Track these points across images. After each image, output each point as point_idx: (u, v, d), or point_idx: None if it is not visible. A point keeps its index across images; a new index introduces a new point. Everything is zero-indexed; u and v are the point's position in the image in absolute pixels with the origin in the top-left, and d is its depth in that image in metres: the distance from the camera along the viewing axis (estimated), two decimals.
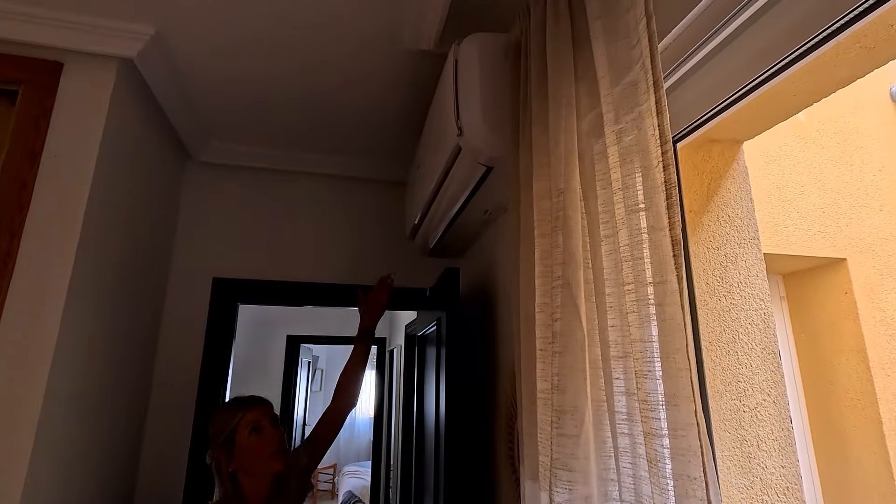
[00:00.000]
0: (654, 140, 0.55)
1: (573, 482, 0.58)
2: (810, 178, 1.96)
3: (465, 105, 1.00)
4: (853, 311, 1.85)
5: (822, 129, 2.03)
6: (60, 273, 1.17)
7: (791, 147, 1.97)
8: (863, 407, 1.80)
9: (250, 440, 1.22)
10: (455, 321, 1.42)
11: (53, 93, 1.28)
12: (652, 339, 0.54)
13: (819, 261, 1.91)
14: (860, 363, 1.82)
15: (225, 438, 1.21)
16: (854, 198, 2.00)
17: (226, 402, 1.34)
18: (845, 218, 1.95)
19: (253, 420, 1.24)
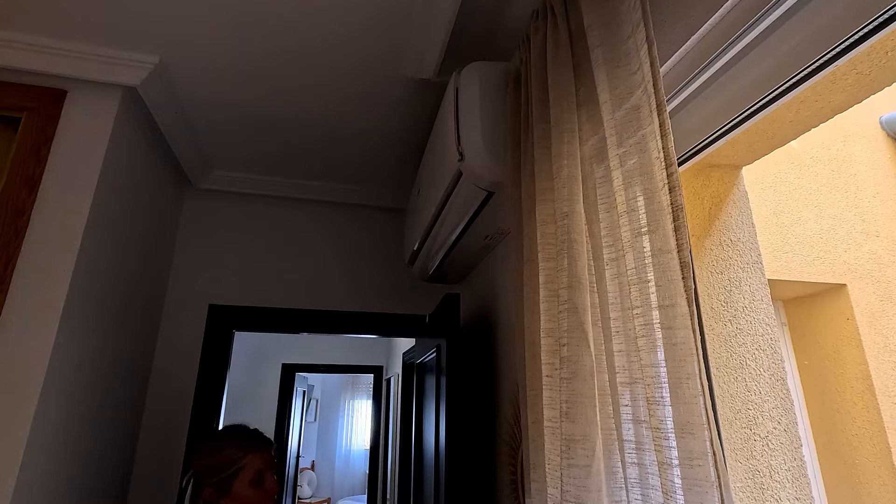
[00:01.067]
0: (658, 163, 0.55)
1: None
2: (807, 205, 1.98)
3: (465, 131, 1.01)
4: (856, 338, 1.84)
5: (816, 156, 2.06)
6: (54, 300, 1.15)
7: (787, 174, 1.99)
8: (870, 436, 1.76)
9: (250, 492, 1.12)
10: (455, 348, 1.39)
11: (56, 120, 1.29)
12: (662, 365, 0.53)
13: (819, 286, 1.91)
14: (866, 391, 1.79)
15: (222, 479, 1.11)
16: (851, 224, 2.01)
17: (227, 433, 1.20)
18: (843, 244, 1.96)
19: (257, 468, 1.14)
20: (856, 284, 1.91)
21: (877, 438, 1.74)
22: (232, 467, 1.12)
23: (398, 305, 2.01)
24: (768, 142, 0.85)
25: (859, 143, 2.18)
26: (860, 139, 2.18)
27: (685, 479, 0.48)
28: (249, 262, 1.95)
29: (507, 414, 1.16)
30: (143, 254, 1.60)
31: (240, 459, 1.13)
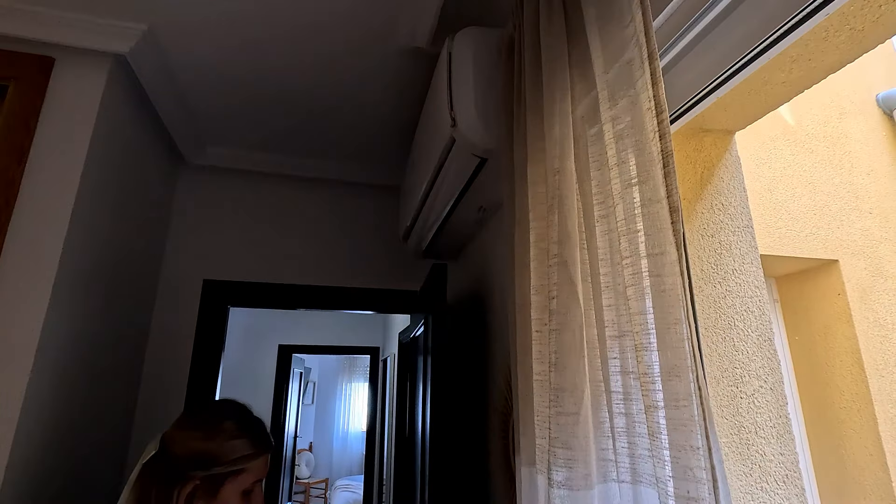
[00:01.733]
0: (649, 114, 0.55)
1: (573, 460, 0.56)
2: (801, 181, 1.98)
3: (458, 96, 1.00)
4: (846, 313, 1.86)
5: (811, 132, 2.06)
6: (45, 272, 1.14)
7: (781, 150, 1.99)
8: (858, 409, 1.79)
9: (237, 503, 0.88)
10: (441, 320, 1.39)
11: (44, 90, 1.27)
12: (650, 312, 0.54)
13: (812, 262, 1.92)
14: (854, 364, 1.82)
15: (214, 476, 0.86)
16: (844, 201, 2.02)
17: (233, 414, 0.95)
18: (836, 220, 1.97)
19: (254, 478, 0.91)
20: (848, 261, 1.92)
21: (864, 411, 1.78)
22: (234, 466, 0.87)
23: (394, 283, 2.02)
24: (761, 104, 0.85)
25: (855, 120, 2.17)
26: (856, 116, 2.18)
27: (670, 419, 0.49)
28: (245, 239, 1.95)
29: (499, 384, 1.17)
30: (136, 229, 1.59)
31: (247, 460, 0.89)
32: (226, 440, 0.88)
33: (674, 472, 0.48)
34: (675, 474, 0.47)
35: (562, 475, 0.57)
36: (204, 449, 0.86)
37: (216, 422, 0.90)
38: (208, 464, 0.85)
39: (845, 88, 2.23)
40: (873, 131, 2.19)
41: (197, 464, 0.84)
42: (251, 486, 0.90)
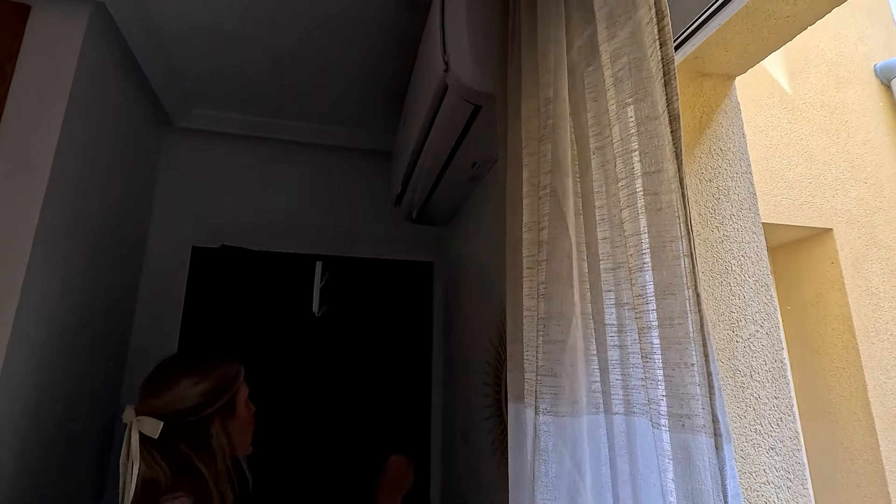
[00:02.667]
0: (649, 26, 0.53)
1: (559, 387, 0.55)
2: (797, 150, 1.96)
3: (451, 38, 0.96)
4: (839, 281, 1.86)
5: (808, 101, 2.04)
6: (24, 229, 1.10)
7: (778, 119, 1.97)
8: (848, 375, 1.80)
9: (247, 409, 0.96)
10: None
11: (20, 36, 1.21)
12: (646, 232, 0.52)
13: (806, 231, 1.91)
14: (846, 332, 1.82)
15: (228, 401, 0.92)
16: (840, 170, 2.01)
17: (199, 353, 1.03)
18: (831, 189, 1.96)
19: (247, 388, 0.99)
20: (842, 229, 1.92)
21: (854, 377, 1.79)
22: (235, 384, 0.95)
23: (387, 250, 1.99)
24: (764, 43, 0.82)
25: (852, 90, 2.15)
26: (853, 86, 2.16)
27: (664, 339, 0.48)
28: (233, 205, 1.91)
29: (492, 339, 1.16)
30: (121, 190, 1.55)
31: (238, 375, 0.97)
32: (215, 371, 0.93)
33: (667, 390, 0.46)
34: (668, 392, 0.46)
35: (547, 402, 0.55)
36: (206, 389, 0.90)
37: (196, 363, 0.94)
38: (217, 396, 0.90)
39: (843, 58, 2.20)
40: (870, 101, 2.17)
41: (209, 402, 0.89)
42: (247, 394, 0.98)
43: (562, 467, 0.52)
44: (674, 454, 0.44)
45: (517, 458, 0.61)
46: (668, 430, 0.44)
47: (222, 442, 0.87)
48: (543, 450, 0.53)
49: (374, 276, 1.97)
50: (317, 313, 1.88)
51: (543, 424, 0.55)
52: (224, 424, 0.90)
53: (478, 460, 1.27)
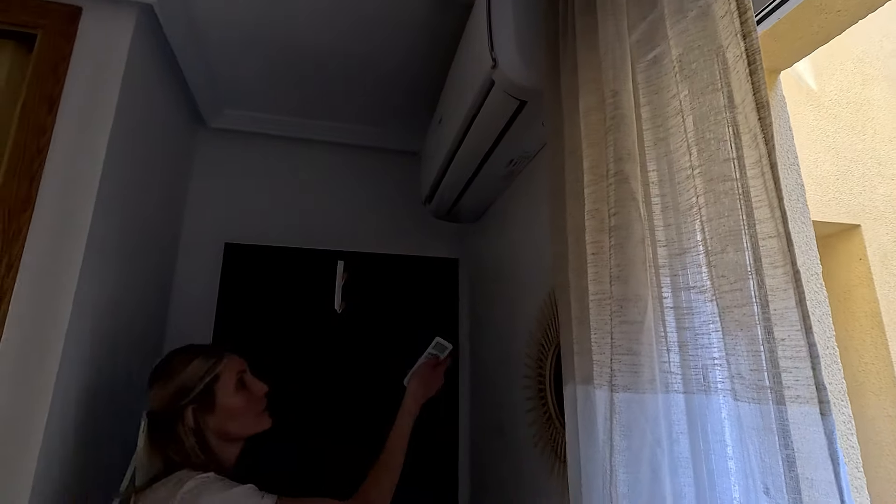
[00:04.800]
0: (728, 17, 0.54)
1: (638, 365, 0.57)
2: (824, 146, 1.97)
3: (499, 36, 0.99)
4: (867, 277, 1.86)
5: (835, 98, 2.04)
6: (79, 222, 1.13)
7: (805, 116, 1.98)
8: (877, 371, 1.80)
9: (236, 398, 0.98)
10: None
11: (72, 39, 1.25)
12: (727, 216, 0.53)
13: (834, 227, 1.92)
14: (875, 328, 1.82)
15: (201, 392, 0.95)
16: (867, 166, 2.01)
17: (183, 350, 1.03)
18: (859, 185, 1.97)
19: (234, 373, 1.00)
20: (869, 225, 1.92)
21: (884, 373, 1.79)
22: (208, 375, 0.96)
23: (412, 246, 2.01)
24: (813, 37, 0.84)
25: (878, 87, 2.15)
26: (879, 82, 2.16)
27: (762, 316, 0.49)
28: (264, 204, 1.94)
29: (534, 333, 1.18)
30: (159, 188, 1.58)
31: (215, 364, 0.98)
32: (186, 366, 0.96)
33: (761, 365, 0.48)
34: (765, 367, 0.47)
35: (626, 379, 0.57)
36: (174, 387, 0.95)
37: (171, 362, 0.99)
38: (185, 391, 0.94)
39: (868, 55, 2.20)
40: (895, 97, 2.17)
41: (178, 398, 0.93)
42: (237, 378, 0.99)
43: (643, 441, 0.54)
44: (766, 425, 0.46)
45: (588, 439, 0.63)
46: (769, 404, 0.45)
47: (189, 436, 0.91)
48: (622, 425, 0.55)
49: (399, 272, 1.99)
50: (338, 310, 1.91)
51: (622, 402, 0.57)
52: (198, 417, 0.93)
53: (516, 452, 1.29)
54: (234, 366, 1.00)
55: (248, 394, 1.01)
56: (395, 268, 1.98)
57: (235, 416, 0.97)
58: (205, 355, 0.99)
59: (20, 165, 1.14)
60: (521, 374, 1.25)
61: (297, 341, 1.83)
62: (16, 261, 1.08)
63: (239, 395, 0.99)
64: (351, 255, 1.95)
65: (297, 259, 1.90)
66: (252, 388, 1.02)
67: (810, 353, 0.43)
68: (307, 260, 1.91)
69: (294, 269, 1.90)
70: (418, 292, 1.99)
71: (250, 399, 1.01)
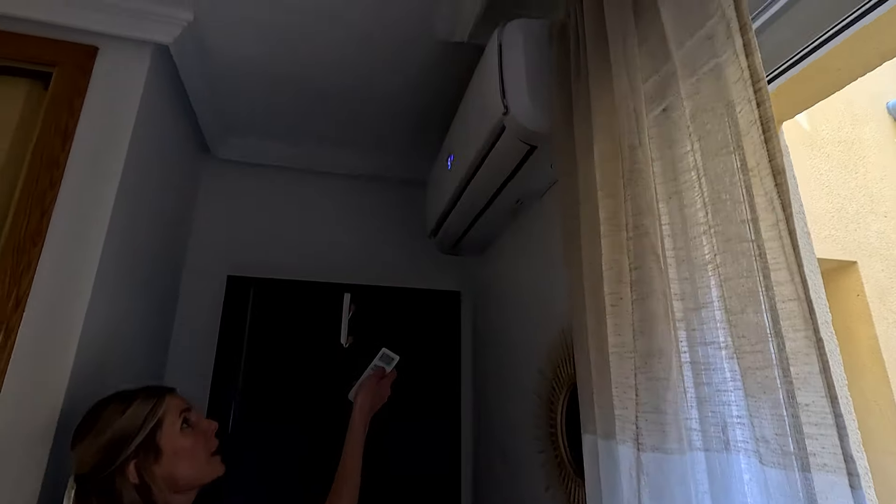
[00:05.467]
0: (741, 83, 0.57)
1: (666, 424, 0.57)
2: (818, 184, 2.02)
3: (511, 84, 1.02)
4: (866, 313, 1.88)
5: (827, 137, 2.10)
6: (89, 257, 1.13)
7: (799, 154, 2.03)
8: (880, 409, 1.81)
9: (184, 439, 0.88)
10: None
11: (88, 75, 1.27)
12: (745, 276, 0.55)
13: (830, 263, 1.95)
14: (875, 365, 1.83)
15: (144, 441, 0.83)
16: (860, 204, 2.05)
17: (112, 398, 0.91)
18: (853, 223, 2.01)
19: (181, 408, 0.91)
20: (866, 262, 1.95)
21: (886, 412, 1.79)
22: (150, 420, 0.85)
23: (423, 280, 2.02)
24: (812, 93, 0.87)
25: (868, 127, 2.22)
26: (869, 122, 2.23)
27: (782, 378, 0.50)
28: (268, 235, 1.95)
29: (544, 371, 1.18)
30: (165, 222, 1.59)
31: (156, 407, 0.87)
32: (120, 416, 0.85)
33: (784, 430, 0.49)
34: (787, 433, 0.48)
35: (654, 439, 0.57)
36: (107, 442, 0.83)
37: (95, 420, 0.87)
38: (123, 444, 0.82)
39: (857, 96, 2.28)
40: (885, 137, 2.24)
41: (115, 454, 0.82)
42: (180, 418, 0.89)
43: (673, 503, 0.54)
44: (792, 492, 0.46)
45: (611, 495, 0.63)
46: (794, 471, 0.46)
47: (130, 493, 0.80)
48: (652, 487, 0.55)
49: (401, 305, 1.99)
50: (344, 344, 1.89)
51: (650, 462, 0.57)
52: (142, 470, 0.82)
53: (522, 493, 1.27)
54: (176, 405, 0.91)
55: (196, 433, 0.91)
56: (397, 301, 1.98)
57: (185, 458, 0.87)
58: (142, 399, 0.88)
59: (32, 199, 1.15)
60: (531, 411, 1.24)
61: (300, 376, 1.81)
62: (24, 296, 1.08)
63: (187, 436, 0.89)
64: (355, 287, 1.94)
65: (300, 291, 1.89)
66: (200, 426, 0.92)
67: (836, 423, 0.44)
68: (310, 292, 1.90)
69: (296, 301, 1.89)
70: (420, 325, 1.98)
71: (199, 438, 0.91)
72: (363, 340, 1.89)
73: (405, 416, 1.83)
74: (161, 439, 0.85)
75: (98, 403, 0.91)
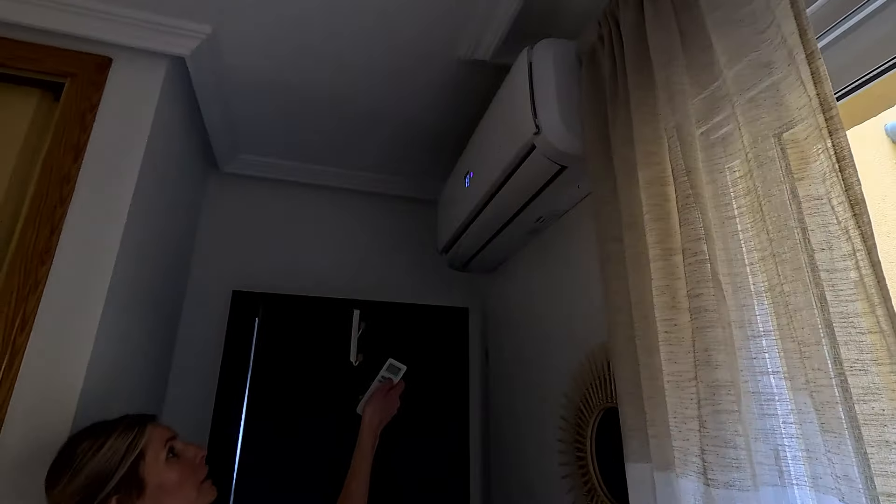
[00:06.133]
0: (807, 110, 0.56)
1: (740, 459, 0.55)
2: None
3: (542, 104, 1.01)
4: None
5: None
6: (100, 276, 1.08)
7: None
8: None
9: (171, 472, 0.82)
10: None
11: (101, 88, 1.24)
12: (815, 307, 0.53)
13: None
14: None
15: (125, 476, 0.78)
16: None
17: (89, 431, 0.85)
18: None
19: (165, 437, 0.86)
20: None
21: None
22: (131, 453, 0.80)
23: (430, 297, 1.99)
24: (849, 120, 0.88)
25: (868, 149, 2.26)
26: (869, 144, 2.27)
27: (862, 414, 0.48)
28: (274, 251, 1.91)
29: (570, 395, 1.15)
30: (173, 239, 1.54)
31: (137, 438, 0.81)
32: (98, 450, 0.79)
33: (869, 469, 0.47)
34: (877, 472, 0.46)
35: (727, 474, 0.55)
36: (85, 480, 0.76)
37: (70, 457, 0.79)
38: (103, 481, 0.76)
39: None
40: (886, 158, 2.28)
41: (94, 492, 0.75)
42: (165, 448, 0.84)
43: None
44: None
45: None
46: None
47: None
48: None
49: (410, 321, 1.95)
50: (354, 363, 1.85)
51: (722, 499, 0.54)
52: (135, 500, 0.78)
53: None
54: (159, 435, 0.85)
55: (182, 463, 0.86)
56: (405, 317, 1.94)
57: (171, 491, 0.81)
58: (121, 431, 0.82)
59: (41, 215, 1.10)
60: (553, 435, 1.21)
61: (308, 394, 1.76)
62: (31, 317, 1.03)
63: (172, 467, 0.83)
64: (363, 303, 1.91)
65: (307, 307, 1.85)
66: (186, 455, 0.87)
67: None
68: (318, 308, 1.86)
69: (303, 317, 1.85)
70: (428, 342, 1.95)
71: (186, 468, 0.85)
72: (373, 358, 1.84)
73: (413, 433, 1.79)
74: (144, 472, 0.80)
75: (71, 439, 0.84)
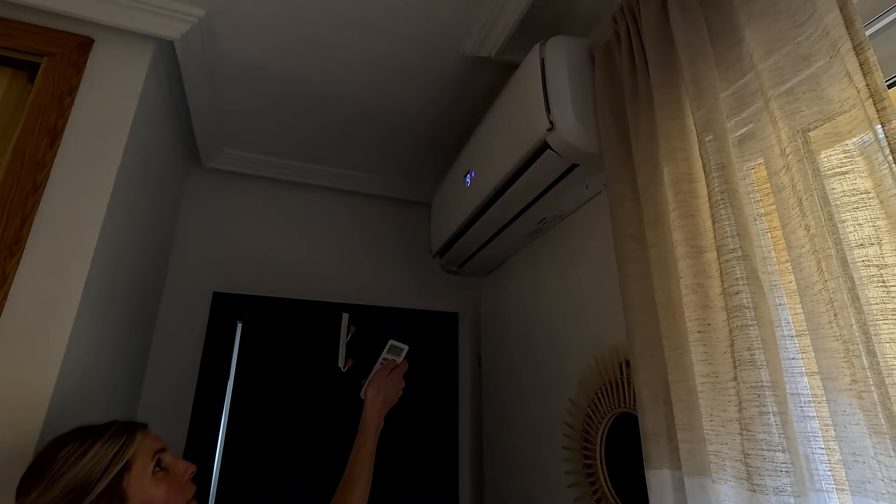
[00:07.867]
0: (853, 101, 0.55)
1: (790, 464, 0.52)
2: None
3: (556, 100, 0.99)
4: None
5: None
6: (76, 271, 0.99)
7: None
8: None
9: (159, 486, 0.76)
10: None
11: (81, 70, 1.15)
12: (872, 304, 0.52)
13: None
14: None
15: (107, 488, 0.71)
16: None
17: (78, 431, 0.78)
18: None
19: (154, 448, 0.79)
20: None
21: None
22: (116, 463, 0.73)
23: (419, 300, 1.94)
24: None
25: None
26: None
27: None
28: (256, 250, 1.82)
29: (576, 400, 1.12)
30: (151, 234, 1.45)
31: (125, 447, 0.75)
32: (77, 462, 0.72)
33: None
34: None
35: (777, 480, 0.52)
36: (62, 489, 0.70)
37: (48, 464, 0.72)
38: (82, 492, 0.70)
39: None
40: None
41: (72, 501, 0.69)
42: (153, 459, 0.78)
43: None
44: None
45: None
46: None
47: None
48: None
49: (398, 325, 1.90)
50: (343, 369, 1.78)
51: None
52: None
53: None
54: (148, 445, 0.78)
55: (170, 479, 0.79)
56: (394, 322, 1.89)
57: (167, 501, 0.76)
58: (109, 438, 0.76)
59: (11, 204, 1.01)
60: (557, 442, 1.18)
61: (295, 400, 1.68)
62: None
63: (160, 483, 0.77)
64: (352, 307, 1.84)
65: (293, 311, 1.78)
66: (175, 471, 0.80)
67: None
68: (303, 312, 1.79)
69: (289, 321, 1.77)
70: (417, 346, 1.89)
71: (174, 485, 0.78)
72: (362, 364, 1.78)
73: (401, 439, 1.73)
74: (129, 485, 0.73)
75: (53, 443, 0.76)
